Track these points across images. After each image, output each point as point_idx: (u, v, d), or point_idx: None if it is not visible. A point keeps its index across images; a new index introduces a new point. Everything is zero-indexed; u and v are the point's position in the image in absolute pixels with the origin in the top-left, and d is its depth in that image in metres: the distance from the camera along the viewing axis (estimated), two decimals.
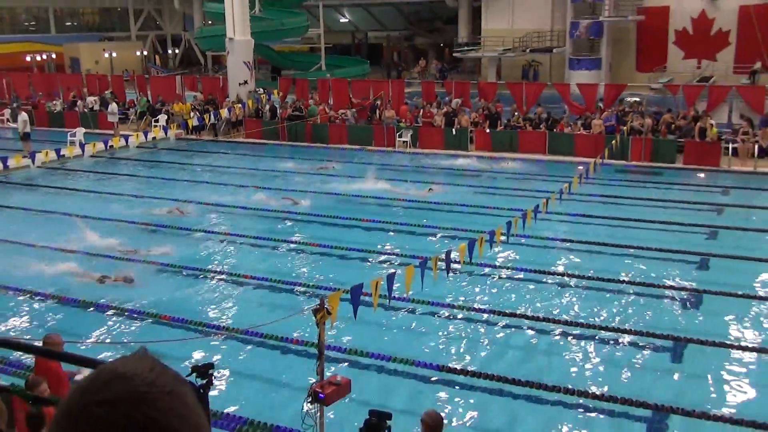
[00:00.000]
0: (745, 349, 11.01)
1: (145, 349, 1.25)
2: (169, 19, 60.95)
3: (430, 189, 20.80)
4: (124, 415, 1.07)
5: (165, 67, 56.75)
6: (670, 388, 9.92)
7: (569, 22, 43.38)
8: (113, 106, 30.79)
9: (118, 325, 12.00)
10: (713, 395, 9.74)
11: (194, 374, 5.43)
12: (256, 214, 18.79)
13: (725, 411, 9.17)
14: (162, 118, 30.85)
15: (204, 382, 5.35)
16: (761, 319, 12.17)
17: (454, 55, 48.39)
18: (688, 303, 12.83)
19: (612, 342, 11.29)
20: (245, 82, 32.47)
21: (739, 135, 23.84)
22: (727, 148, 23.37)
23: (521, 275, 14.22)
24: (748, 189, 20.92)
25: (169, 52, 61.24)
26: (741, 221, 17.60)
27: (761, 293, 13.20)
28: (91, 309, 12.60)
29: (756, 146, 23.23)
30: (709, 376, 10.23)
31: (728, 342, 11.19)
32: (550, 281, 13.94)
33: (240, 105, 30.68)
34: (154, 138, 29.31)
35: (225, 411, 9.14)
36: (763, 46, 40.10)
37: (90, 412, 1.08)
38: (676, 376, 10.33)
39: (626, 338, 11.35)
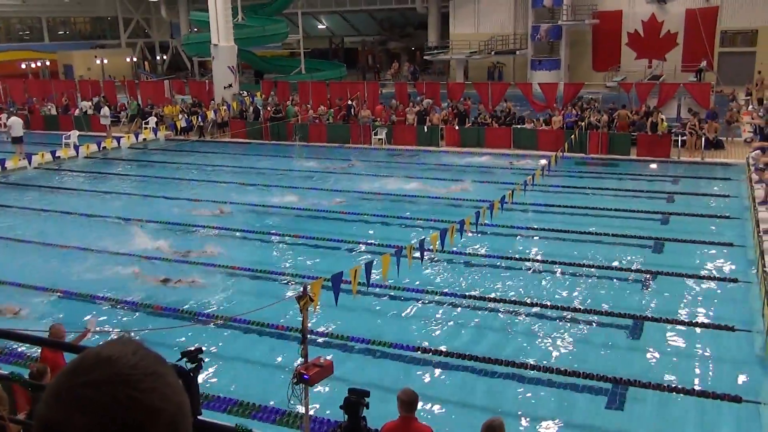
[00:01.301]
0: (695, 325, 11.13)
1: (129, 334, 1.22)
2: (156, 27, 60.23)
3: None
4: (108, 396, 1.07)
5: (154, 73, 56.09)
6: (629, 363, 9.99)
7: (530, 26, 43.57)
8: (105, 110, 30.43)
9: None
10: (668, 368, 9.83)
11: (184, 359, 5.36)
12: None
13: (679, 383, 9.26)
14: (152, 120, 30.51)
15: (194, 365, 5.28)
16: (709, 296, 12.31)
17: (425, 57, 48.45)
18: (644, 284, 12.95)
19: (575, 322, 11.34)
20: (230, 85, 32.26)
21: (688, 128, 24.07)
22: (677, 141, 23.59)
23: (490, 262, 14.26)
24: (696, 178, 21.15)
25: (158, 58, 60.56)
26: (690, 207, 17.78)
27: (709, 273, 13.35)
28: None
29: (703, 138, 23.48)
30: (663, 351, 10.33)
31: (680, 319, 11.31)
32: (517, 267, 14.00)
33: (225, 107, 30.45)
34: (144, 139, 28.99)
35: (217, 394, 9.07)
36: (708, 46, 40.52)
37: (75, 393, 1.07)
38: (634, 352, 10.42)
39: (588, 318, 11.42)
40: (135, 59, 57.12)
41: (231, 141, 28.97)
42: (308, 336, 7.35)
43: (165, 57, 60.50)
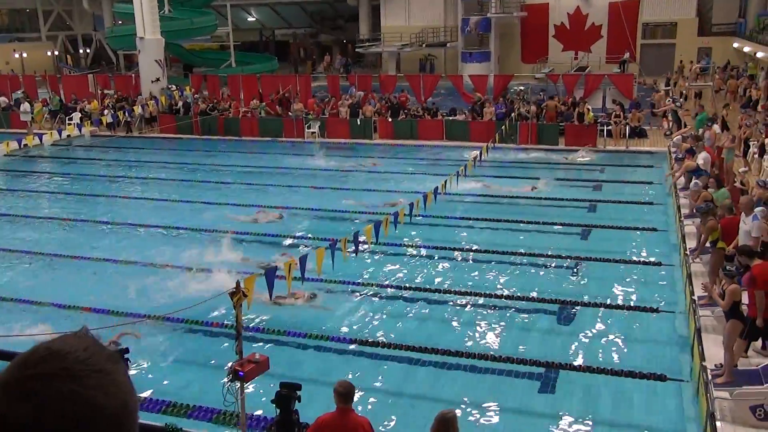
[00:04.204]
0: (622, 308, 11.50)
1: (86, 329, 1.25)
2: (79, 19, 58.08)
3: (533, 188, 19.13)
4: (54, 390, 1.09)
5: (77, 67, 54.17)
6: (560, 347, 10.26)
7: (460, 18, 44.06)
8: (26, 106, 29.27)
9: None
10: (597, 351, 10.14)
11: None
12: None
13: (607, 365, 9.57)
14: (76, 116, 29.48)
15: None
16: (635, 280, 12.75)
17: (357, 50, 48.35)
18: (572, 270, 13.30)
19: (507, 309, 11.57)
20: (157, 79, 31.46)
21: (612, 118, 24.83)
22: (602, 130, 24.29)
23: (424, 252, 14.39)
24: (621, 166, 21.83)
25: (81, 51, 58.48)
26: (616, 195, 18.35)
27: (634, 258, 13.83)
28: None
29: (627, 128, 24.26)
30: (592, 334, 10.65)
31: (608, 303, 11.66)
32: (450, 257, 14.17)
33: (153, 101, 29.69)
34: (68, 136, 27.97)
35: (148, 396, 8.88)
36: (630, 38, 41.88)
37: (24, 386, 1.10)
38: (564, 336, 10.70)
39: (519, 305, 11.66)
40: (57, 53, 55.05)
41: (160, 136, 28.29)
42: (242, 332, 7.27)
43: (88, 50, 58.50)
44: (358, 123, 26.85)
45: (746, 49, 35.24)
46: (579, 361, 9.65)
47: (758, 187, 13.40)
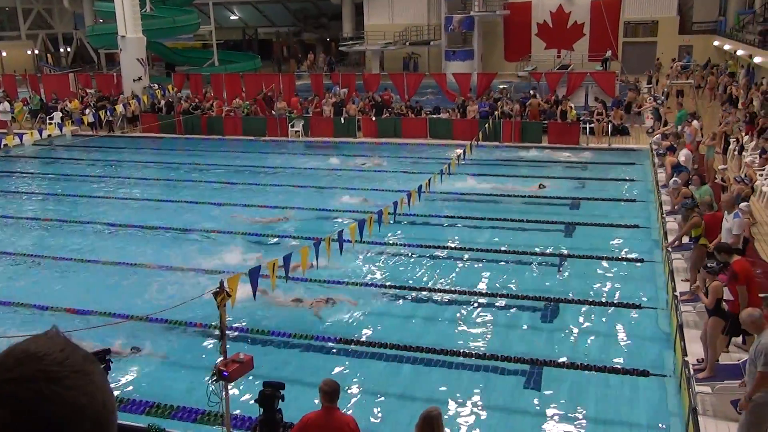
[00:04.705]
0: (605, 304, 11.57)
1: (57, 329, 1.23)
2: (59, 18, 57.45)
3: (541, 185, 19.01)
4: (33, 392, 1.08)
5: (58, 66, 53.62)
6: (545, 344, 10.31)
7: (444, 17, 44.11)
8: (5, 105, 28.97)
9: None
10: (581, 347, 10.20)
11: None
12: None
13: (591, 361, 9.63)
14: (57, 115, 29.18)
15: (102, 367, 5.12)
16: (618, 277, 12.83)
17: (341, 49, 48.27)
18: (557, 267, 13.36)
19: (492, 306, 11.60)
20: (139, 78, 31.24)
21: (595, 116, 24.97)
22: (585, 128, 24.43)
23: (409, 251, 14.40)
24: (604, 163, 21.95)
25: (61, 50, 57.89)
26: (599, 192, 18.46)
27: (617, 255, 13.92)
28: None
29: (609, 125, 24.40)
30: (576, 331, 10.71)
31: (592, 300, 11.73)
32: (435, 255, 14.18)
33: (135, 100, 29.47)
34: (49, 135, 27.69)
35: (131, 397, 8.82)
36: (612, 36, 42.15)
37: (1, 390, 1.08)
38: (549, 333, 10.75)
39: (505, 302, 11.70)
40: (37, 52, 54.45)
41: (142, 136, 28.09)
42: (226, 332, 7.24)
43: (69, 49, 57.93)
44: (342, 121, 26.82)
45: (726, 47, 35.57)
46: (563, 358, 9.71)
47: (736, 183, 13.54)
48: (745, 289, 8.54)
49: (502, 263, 13.62)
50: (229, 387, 7.16)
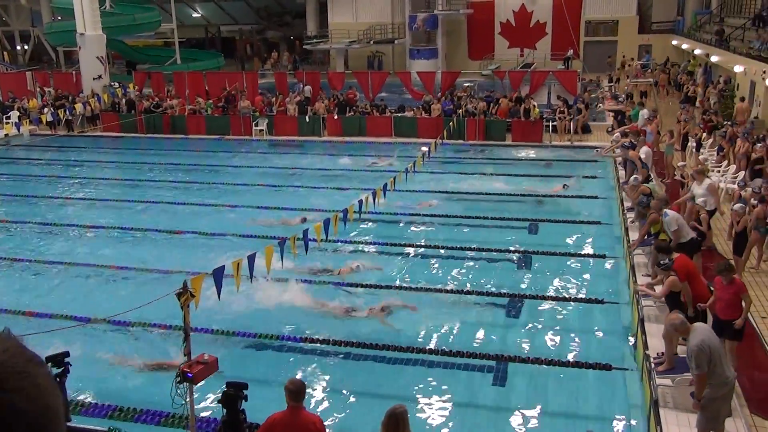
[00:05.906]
0: (568, 300, 11.71)
1: (8, 331, 1.19)
2: (15, 14, 56.12)
3: (565, 185, 18.79)
4: None
5: (14, 64, 52.37)
6: (510, 340, 10.40)
7: (408, 15, 44.20)
8: None
9: None
10: (545, 342, 10.32)
11: (49, 363, 5.08)
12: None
13: (555, 356, 9.74)
14: (14, 114, 28.51)
15: (60, 370, 5.02)
16: (581, 272, 13.00)
17: (305, 47, 48.05)
18: (520, 264, 13.49)
19: (458, 303, 11.66)
20: (99, 76, 30.70)
21: (557, 114, 25.25)
22: (548, 126, 24.68)
23: (374, 249, 14.40)
24: (566, 161, 22.20)
25: (18, 48, 56.59)
26: (562, 190, 18.65)
27: (580, 251, 14.10)
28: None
29: (572, 123, 24.70)
30: (540, 327, 10.82)
31: (555, 295, 11.87)
32: (398, 252, 14.20)
33: (95, 99, 28.95)
34: (6, 135, 27.07)
35: (95, 400, 8.66)
36: (574, 35, 42.68)
37: None
38: (514, 329, 10.85)
39: (469, 299, 11.77)
40: None
41: (103, 135, 27.61)
42: (190, 333, 7.15)
43: (26, 47, 56.65)
44: (307, 120, 26.69)
45: (684, 46, 36.26)
46: (528, 353, 9.80)
47: (692, 179, 13.81)
48: (687, 285, 8.84)
49: (468, 261, 13.69)
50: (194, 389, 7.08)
